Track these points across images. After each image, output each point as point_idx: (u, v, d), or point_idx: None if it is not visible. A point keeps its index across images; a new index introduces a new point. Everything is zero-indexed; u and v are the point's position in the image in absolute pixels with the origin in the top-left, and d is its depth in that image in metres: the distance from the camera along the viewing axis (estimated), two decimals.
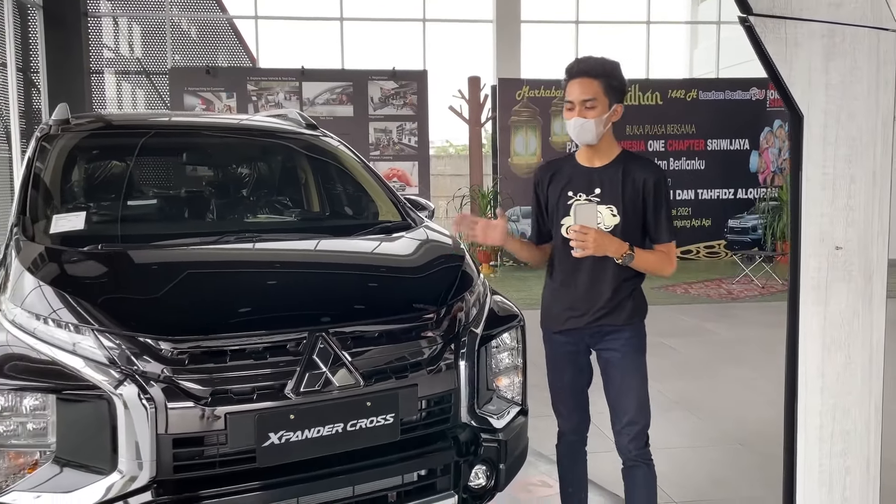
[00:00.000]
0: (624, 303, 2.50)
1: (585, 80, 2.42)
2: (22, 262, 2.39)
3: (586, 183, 2.49)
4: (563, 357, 2.59)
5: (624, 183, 2.45)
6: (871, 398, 2.20)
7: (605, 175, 2.48)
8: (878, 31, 2.12)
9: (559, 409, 2.68)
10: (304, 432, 2.08)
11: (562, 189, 2.52)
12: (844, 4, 2.08)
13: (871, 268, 2.16)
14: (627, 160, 2.50)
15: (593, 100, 2.40)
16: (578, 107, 2.41)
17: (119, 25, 12.48)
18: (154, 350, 2.04)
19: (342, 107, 11.39)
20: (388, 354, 2.24)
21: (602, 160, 2.50)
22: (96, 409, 2.00)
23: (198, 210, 3.50)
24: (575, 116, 2.42)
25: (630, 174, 2.46)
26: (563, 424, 2.69)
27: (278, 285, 2.50)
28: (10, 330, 2.16)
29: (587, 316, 2.49)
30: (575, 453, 2.71)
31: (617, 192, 2.45)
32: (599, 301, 2.47)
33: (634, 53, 13.47)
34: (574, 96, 2.42)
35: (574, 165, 2.55)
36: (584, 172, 2.51)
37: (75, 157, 3.33)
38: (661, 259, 2.50)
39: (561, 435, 2.72)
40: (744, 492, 3.26)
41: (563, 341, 2.58)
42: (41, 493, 2.00)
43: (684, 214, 12.28)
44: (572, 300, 2.51)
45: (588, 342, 2.56)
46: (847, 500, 2.21)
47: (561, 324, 2.55)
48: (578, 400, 2.64)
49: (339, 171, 3.65)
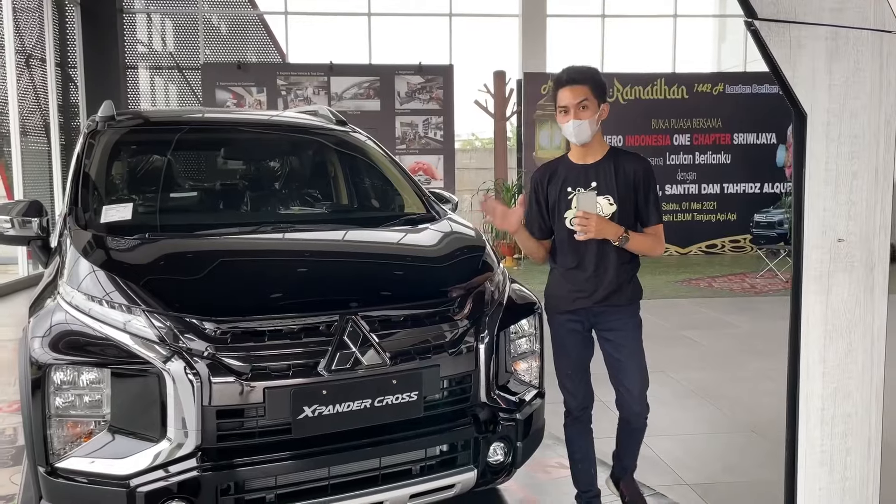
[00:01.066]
0: (625, 285, 2.78)
1: (576, 86, 2.69)
2: (77, 249, 2.59)
3: (582, 178, 2.76)
4: (570, 335, 2.83)
5: (617, 175, 2.73)
6: (873, 383, 2.29)
7: (598, 170, 2.75)
8: (882, 34, 2.20)
9: (566, 385, 2.89)
10: (334, 407, 2.26)
11: (560, 186, 2.78)
12: (847, 8, 2.16)
13: (872, 259, 2.25)
14: (617, 155, 2.80)
15: (585, 100, 2.67)
16: (574, 110, 2.67)
17: (153, 21, 12.77)
18: (199, 329, 2.22)
19: (369, 101, 11.58)
20: (412, 337, 2.41)
21: (594, 157, 2.78)
22: (147, 382, 2.19)
23: (234, 202, 3.69)
24: (571, 119, 2.68)
25: (621, 167, 2.75)
26: (570, 401, 2.91)
27: (311, 272, 2.68)
28: (68, 311, 2.36)
29: (594, 296, 2.75)
30: (582, 429, 2.93)
31: (611, 183, 2.72)
32: (604, 282, 2.74)
33: (661, 47, 13.46)
34: (567, 101, 2.69)
35: (568, 165, 2.82)
36: (578, 169, 2.78)
37: (120, 152, 3.54)
38: (652, 240, 2.78)
39: (568, 413, 2.93)
40: (754, 476, 3.38)
41: (569, 320, 2.82)
42: (96, 458, 2.19)
43: (710, 209, 12.28)
44: (579, 283, 2.77)
45: (592, 321, 2.82)
46: (847, 479, 2.31)
47: (569, 304, 2.80)
48: (583, 376, 2.88)
49: (368, 165, 3.82)
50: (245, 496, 2.22)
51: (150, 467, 2.16)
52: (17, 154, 9.95)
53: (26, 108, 10.43)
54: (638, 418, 2.84)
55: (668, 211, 12.18)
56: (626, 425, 2.91)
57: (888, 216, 2.26)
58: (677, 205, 12.19)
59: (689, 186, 12.20)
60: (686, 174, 12.19)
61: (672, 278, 9.74)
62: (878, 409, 2.29)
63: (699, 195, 12.24)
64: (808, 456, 2.28)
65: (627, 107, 11.64)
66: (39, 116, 10.82)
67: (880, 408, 2.29)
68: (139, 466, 2.16)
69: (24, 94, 10.29)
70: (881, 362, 2.29)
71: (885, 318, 2.25)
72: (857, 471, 2.31)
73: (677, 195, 12.19)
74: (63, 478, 2.19)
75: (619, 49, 13.36)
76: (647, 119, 11.81)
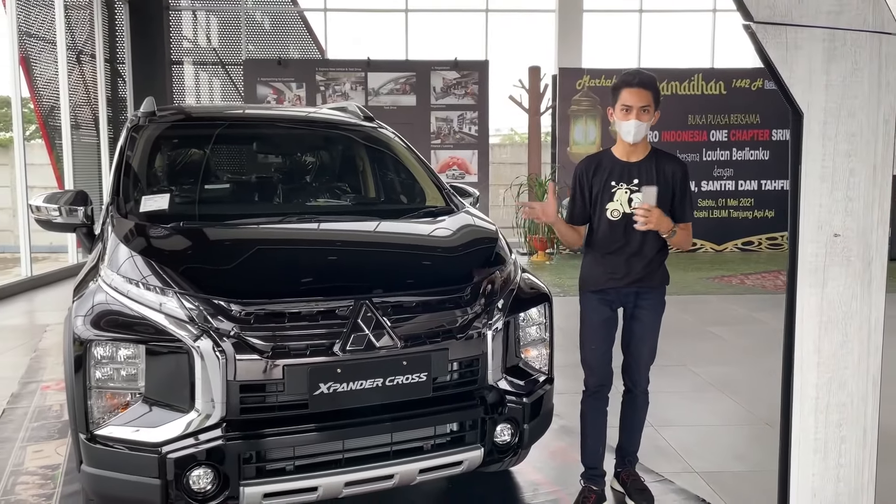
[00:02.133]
0: (656, 270, 3.03)
1: (643, 90, 2.90)
2: (117, 236, 2.81)
3: (626, 174, 2.97)
4: (597, 313, 3.05)
5: (657, 174, 2.96)
6: (869, 374, 2.35)
7: (641, 168, 2.98)
8: (881, 35, 2.25)
9: (587, 360, 3.08)
10: (348, 384, 2.43)
11: (605, 179, 2.99)
12: (845, 11, 2.21)
13: (870, 254, 2.31)
14: (658, 156, 3.02)
15: (648, 106, 2.90)
16: (636, 111, 2.88)
17: (198, 18, 13.15)
18: (226, 311, 2.41)
19: (405, 96, 11.76)
20: (422, 321, 2.57)
21: (638, 156, 2.99)
22: (178, 358, 2.39)
23: (265, 194, 3.89)
24: (633, 119, 2.88)
25: (662, 167, 2.98)
26: (589, 377, 3.09)
27: (330, 259, 2.86)
28: (108, 292, 2.58)
29: (627, 278, 3.00)
30: (596, 406, 3.10)
31: (652, 181, 2.94)
32: (638, 267, 2.99)
33: (699, 42, 13.36)
34: (633, 102, 2.89)
35: (613, 160, 3.02)
36: (623, 166, 3.00)
37: (160, 146, 3.76)
38: (686, 235, 3.04)
39: (586, 390, 3.11)
40: (762, 466, 3.45)
41: (599, 299, 3.05)
42: (131, 427, 2.40)
43: (747, 205, 12.17)
44: (614, 266, 3.00)
45: (622, 301, 3.06)
46: (842, 466, 2.37)
47: (602, 284, 3.03)
48: (605, 354, 3.05)
49: (393, 159, 3.98)
50: (266, 465, 2.40)
51: (179, 436, 2.35)
52: (68, 146, 10.38)
53: (77, 102, 10.85)
54: (639, 387, 3.09)
55: (703, 207, 12.11)
56: (629, 398, 3.14)
57: (887, 212, 2.30)
58: (713, 201, 12.11)
59: (725, 183, 12.11)
60: (723, 170, 12.09)
61: (704, 275, 9.71)
62: (874, 399, 2.34)
63: (736, 192, 12.13)
64: (801, 443, 2.34)
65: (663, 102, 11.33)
66: (89, 110, 11.25)
67: (877, 398, 2.33)
68: (170, 435, 2.36)
69: (74, 88, 10.72)
70: (878, 354, 2.33)
71: (883, 311, 2.29)
72: (851, 458, 2.36)
73: (713, 191, 12.11)
74: (101, 444, 2.40)
75: (656, 44, 13.30)
76: (683, 114, 11.75)
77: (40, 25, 10.05)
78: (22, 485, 3.38)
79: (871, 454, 2.38)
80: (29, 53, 9.79)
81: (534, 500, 3.20)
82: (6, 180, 13.47)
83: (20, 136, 9.27)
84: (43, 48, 10.13)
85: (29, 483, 3.40)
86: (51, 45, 10.18)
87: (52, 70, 10.25)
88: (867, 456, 2.39)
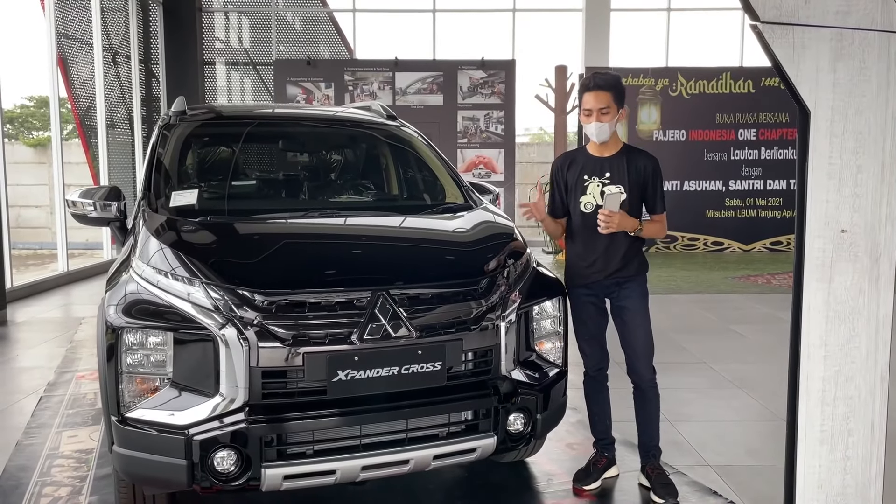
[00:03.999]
0: (632, 259, 3.17)
1: (600, 92, 3.06)
2: (148, 229, 2.94)
3: (598, 169, 3.15)
4: (586, 306, 3.22)
5: (629, 168, 3.12)
6: (877, 368, 2.37)
7: (613, 163, 3.14)
8: (889, 34, 2.28)
9: (583, 348, 3.28)
10: (365, 372, 2.52)
11: (578, 174, 3.17)
12: (852, 11, 2.25)
13: (878, 250, 2.33)
14: (629, 151, 3.19)
15: (607, 107, 3.05)
16: (596, 113, 3.05)
17: (229, 19, 13.40)
18: (250, 300, 2.53)
19: (433, 96, 11.87)
20: (437, 312, 2.66)
21: (610, 151, 3.16)
22: (204, 345, 2.51)
23: (290, 190, 4.02)
24: (594, 121, 3.06)
25: (633, 162, 3.14)
26: (587, 362, 3.29)
27: (350, 253, 2.96)
28: (139, 282, 2.71)
29: (606, 270, 3.15)
30: (597, 386, 3.30)
31: (623, 175, 3.11)
32: (615, 259, 3.13)
33: (728, 40, 13.25)
34: (592, 105, 3.07)
35: (587, 155, 3.21)
36: (595, 160, 3.17)
37: (190, 144, 3.90)
38: (658, 226, 3.20)
39: (586, 373, 3.31)
40: (775, 461, 3.47)
41: (586, 293, 3.21)
42: (160, 410, 2.52)
43: (775, 205, 12.07)
44: (593, 260, 3.16)
45: (606, 293, 3.21)
46: (849, 458, 2.40)
47: (586, 278, 3.19)
48: (598, 341, 3.26)
49: (415, 157, 4.08)
50: (286, 448, 2.51)
51: (205, 419, 2.47)
52: (104, 145, 10.67)
53: (112, 101, 11.14)
54: (644, 380, 3.18)
55: (730, 207, 12.04)
56: (638, 393, 3.23)
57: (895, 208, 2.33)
58: (741, 200, 12.04)
59: (753, 182, 12.02)
60: (751, 169, 12.01)
61: (730, 274, 9.67)
62: (882, 393, 2.37)
63: (764, 191, 12.04)
64: (807, 434, 2.37)
65: (691, 101, 11.55)
66: (124, 110, 11.53)
67: (885, 392, 2.36)
68: (196, 418, 2.47)
69: (110, 89, 11.01)
70: (886, 349, 2.36)
71: (892, 307, 2.32)
72: (859, 450, 2.39)
73: (741, 191, 12.03)
74: (132, 426, 2.52)
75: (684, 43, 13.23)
76: (711, 113, 11.69)
77: (77, 27, 10.33)
78: (58, 467, 3.55)
79: (879, 448, 2.40)
80: (66, 55, 10.08)
81: (548, 490, 3.27)
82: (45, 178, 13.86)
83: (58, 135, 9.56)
84: (80, 49, 10.42)
85: (64, 466, 3.57)
86: (87, 46, 10.46)
87: (89, 71, 10.53)
88: (875, 449, 2.41)
